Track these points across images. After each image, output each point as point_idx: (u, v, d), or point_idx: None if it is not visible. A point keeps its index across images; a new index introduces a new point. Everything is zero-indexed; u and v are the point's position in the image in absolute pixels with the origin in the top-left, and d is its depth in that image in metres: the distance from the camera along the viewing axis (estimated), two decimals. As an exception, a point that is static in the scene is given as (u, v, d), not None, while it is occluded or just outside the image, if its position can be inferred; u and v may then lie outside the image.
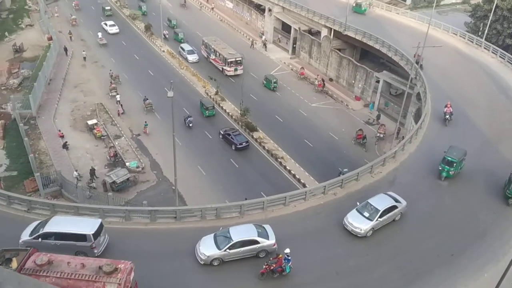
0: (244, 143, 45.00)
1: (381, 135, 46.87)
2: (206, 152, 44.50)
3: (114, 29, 70.45)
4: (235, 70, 58.29)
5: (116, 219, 26.72)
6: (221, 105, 52.59)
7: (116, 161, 42.63)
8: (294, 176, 41.45)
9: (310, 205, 28.65)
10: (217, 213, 27.17)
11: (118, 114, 50.41)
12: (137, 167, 41.85)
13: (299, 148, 45.61)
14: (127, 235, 25.39)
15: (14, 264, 19.37)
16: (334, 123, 50.25)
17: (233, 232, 23.99)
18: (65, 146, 43.85)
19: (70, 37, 68.19)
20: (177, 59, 62.86)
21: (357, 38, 57.22)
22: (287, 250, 22.55)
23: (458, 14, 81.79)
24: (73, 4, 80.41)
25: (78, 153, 43.72)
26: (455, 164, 30.54)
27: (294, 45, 66.47)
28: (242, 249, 23.57)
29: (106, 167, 42.09)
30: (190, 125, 47.78)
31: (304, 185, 39.43)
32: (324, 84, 57.46)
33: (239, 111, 50.35)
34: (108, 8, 76.92)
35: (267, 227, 24.89)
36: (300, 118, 51.11)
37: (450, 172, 30.77)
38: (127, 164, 41.91)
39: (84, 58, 62.22)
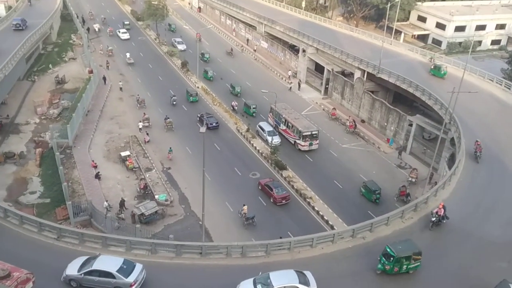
0: (214, 124, 55.30)
1: (413, 180, 45.94)
2: (235, 189, 44.53)
3: (126, 36, 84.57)
4: (310, 145, 51.32)
5: (142, 252, 26.81)
6: (251, 142, 52.93)
7: (145, 193, 43.14)
8: (322, 217, 40.84)
9: (338, 248, 28.07)
10: (242, 251, 26.93)
11: (145, 142, 51.88)
12: (166, 200, 42.18)
13: (328, 189, 45.12)
14: (152, 269, 25.34)
15: None
16: (365, 165, 49.66)
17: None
18: (97, 176, 44.78)
19: (107, 66, 71.65)
20: (210, 95, 64.08)
21: (390, 81, 57.21)
22: None
23: (494, 60, 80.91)
24: (107, 31, 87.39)
25: (109, 184, 44.51)
26: (392, 259, 25.22)
27: (327, 86, 66.90)
28: (282, 296, 22.52)
29: (136, 198, 42.60)
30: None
31: (332, 227, 38.74)
32: (355, 126, 57.25)
33: (269, 149, 50.52)
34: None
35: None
36: (330, 158, 50.81)
37: (386, 267, 25.49)
38: (156, 196, 42.32)
39: (121, 88, 64.75)
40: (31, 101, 59.81)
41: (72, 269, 23.92)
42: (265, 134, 52.78)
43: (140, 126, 54.28)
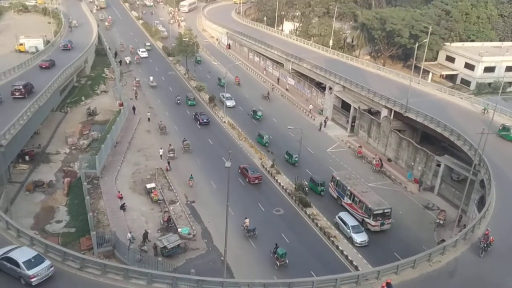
0: (206, 120, 65.47)
1: (441, 222, 44.74)
2: (258, 225, 44.10)
3: (145, 54, 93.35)
4: (382, 224, 43.53)
5: (163, 286, 26.62)
6: (276, 178, 52.79)
7: (169, 226, 43.19)
8: (346, 257, 39.95)
9: (362, 290, 27.31)
10: (264, 289, 26.48)
11: (167, 170, 52.78)
12: (189, 234, 42.10)
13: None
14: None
15: None
16: (391, 205, 48.66)
17: None
18: (122, 207, 45.23)
19: (136, 96, 74.54)
20: (236, 130, 64.62)
21: (418, 120, 56.73)
22: None
23: (525, 101, 79.48)
24: (134, 58, 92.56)
25: (134, 215, 44.84)
26: None
27: (353, 123, 66.74)
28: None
29: (159, 231, 42.67)
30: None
31: (356, 268, 37.82)
32: (382, 164, 56.60)
33: (294, 186, 50.24)
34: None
35: None
36: (355, 197, 50.07)
37: None
38: (179, 230, 42.31)
39: (149, 119, 66.52)
40: (62, 132, 61.56)
41: None
42: (348, 230, 42.64)
43: (161, 153, 55.95)
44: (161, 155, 55.93)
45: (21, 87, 56.35)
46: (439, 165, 51.26)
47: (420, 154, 54.42)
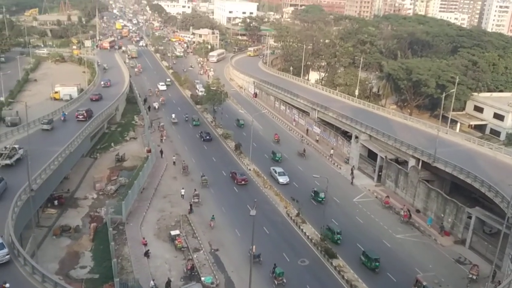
0: (208, 137, 77.74)
1: (474, 277, 42.86)
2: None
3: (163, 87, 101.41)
4: None
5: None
6: (301, 227, 52.01)
7: (192, 274, 42.64)
8: (374, 312, 38.45)
9: None
10: None
11: (188, 212, 53.68)
12: (212, 283, 41.41)
13: (381, 281, 42.84)
14: None
15: None
16: (420, 258, 47.15)
17: None
18: (146, 254, 45.07)
19: (162, 139, 76.76)
20: (262, 177, 64.56)
21: (447, 170, 55.68)
22: None
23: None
24: (159, 100, 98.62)
25: (157, 262, 44.55)
26: None
27: (380, 173, 65.89)
28: None
29: (182, 279, 42.15)
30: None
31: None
32: (410, 215, 55.24)
33: (319, 236, 49.32)
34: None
35: None
36: (383, 249, 48.64)
37: None
38: (202, 279, 41.69)
39: (174, 162, 67.93)
40: (91, 177, 62.70)
41: None
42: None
43: (182, 193, 57.77)
44: (182, 195, 57.71)
45: (83, 111, 70.49)
46: (470, 217, 49.71)
47: (450, 206, 52.99)
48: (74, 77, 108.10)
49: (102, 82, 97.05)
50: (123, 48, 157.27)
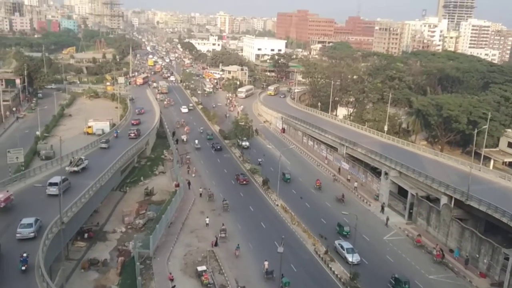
0: (218, 147, 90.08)
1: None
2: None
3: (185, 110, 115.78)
4: None
5: None
6: (329, 265, 50.83)
7: (218, 311, 42.02)
8: None
9: None
10: None
11: (214, 245, 53.97)
12: (238, 321, 40.64)
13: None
14: None
15: None
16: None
17: None
18: (172, 289, 44.77)
19: (188, 171, 78.51)
20: (289, 213, 63.81)
21: (481, 209, 53.93)
22: None
23: None
24: (185, 129, 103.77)
25: (183, 299, 44.14)
26: None
27: (411, 210, 64.28)
28: None
29: (208, 317, 41.53)
30: None
31: None
32: (443, 255, 53.34)
33: (349, 275, 48.03)
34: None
35: None
36: (415, 290, 47.00)
37: None
38: (228, 316, 40.99)
39: (200, 194, 68.62)
40: (120, 211, 63.41)
41: None
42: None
43: (207, 221, 59.69)
44: (207, 223, 59.46)
45: (135, 130, 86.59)
46: (507, 259, 47.60)
47: (485, 246, 51.00)
48: (107, 113, 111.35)
49: (136, 110, 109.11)
50: (155, 84, 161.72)
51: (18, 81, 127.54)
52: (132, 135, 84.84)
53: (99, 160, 67.60)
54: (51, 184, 52.35)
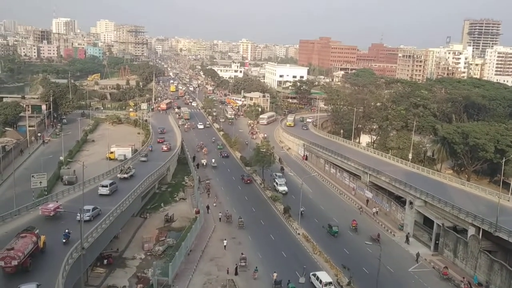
0: (226, 154, 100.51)
1: None
2: None
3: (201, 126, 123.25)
4: None
5: None
6: (353, 297, 49.17)
7: None
8: None
9: None
10: None
11: (234, 274, 53.27)
12: None
13: None
14: None
15: None
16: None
17: None
18: (191, 319, 43.79)
19: (208, 194, 79.79)
20: (311, 243, 62.45)
21: (510, 241, 51.78)
22: None
23: None
24: (202, 150, 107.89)
25: (202, 329, 43.06)
26: None
27: (437, 241, 62.19)
28: None
29: None
30: None
31: None
32: (472, 289, 51.18)
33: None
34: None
35: None
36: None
37: None
38: None
39: (220, 219, 68.99)
40: (140, 237, 63.07)
41: None
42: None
43: (225, 243, 60.23)
44: (225, 246, 60.12)
45: (168, 144, 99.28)
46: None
47: (516, 280, 48.76)
48: (129, 138, 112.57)
49: (158, 129, 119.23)
50: (177, 110, 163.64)
51: (44, 107, 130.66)
52: (165, 148, 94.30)
53: (141, 170, 77.39)
54: (102, 186, 63.89)
